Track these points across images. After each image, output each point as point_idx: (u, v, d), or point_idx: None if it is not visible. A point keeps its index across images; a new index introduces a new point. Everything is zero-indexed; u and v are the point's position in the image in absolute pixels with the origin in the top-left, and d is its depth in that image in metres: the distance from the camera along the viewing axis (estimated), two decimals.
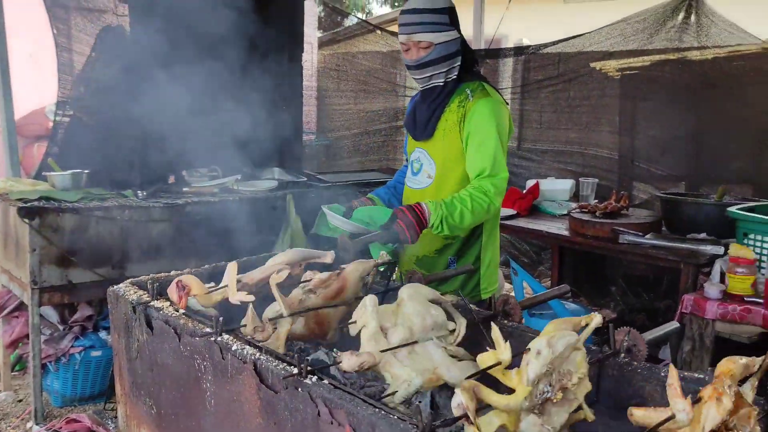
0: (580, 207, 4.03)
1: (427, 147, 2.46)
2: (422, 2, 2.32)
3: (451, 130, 2.37)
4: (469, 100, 2.35)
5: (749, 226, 3.19)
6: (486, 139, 2.28)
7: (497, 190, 2.25)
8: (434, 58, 2.30)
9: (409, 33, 2.30)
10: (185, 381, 1.68)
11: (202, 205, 3.40)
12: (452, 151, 2.38)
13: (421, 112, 2.45)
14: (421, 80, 2.37)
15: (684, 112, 4.94)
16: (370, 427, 1.20)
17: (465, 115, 2.34)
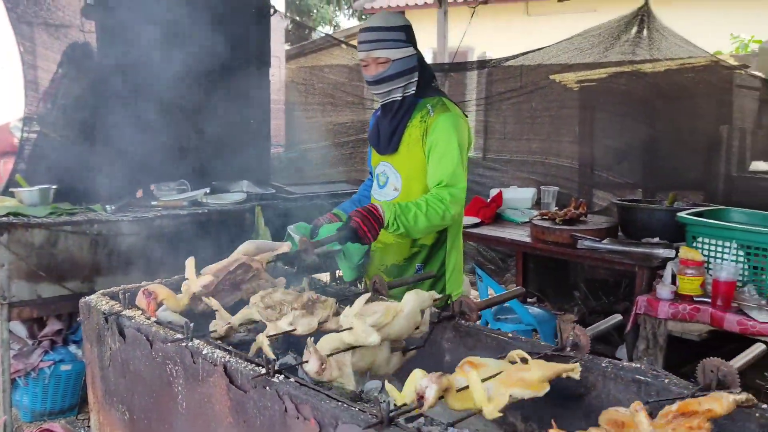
0: (541, 214, 4.17)
1: (392, 161, 2.57)
2: (379, 20, 2.45)
3: (415, 144, 2.48)
4: (430, 115, 2.47)
5: (697, 230, 3.35)
6: (446, 152, 2.41)
7: (454, 199, 2.38)
8: (392, 73, 2.42)
9: (368, 50, 2.41)
10: (157, 386, 1.75)
11: (170, 218, 3.45)
12: (416, 164, 2.50)
13: (384, 128, 2.55)
14: (380, 95, 2.49)
15: (639, 122, 5.15)
16: (334, 419, 1.29)
17: (427, 129, 2.45)
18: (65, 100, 3.85)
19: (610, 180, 5.39)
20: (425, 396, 1.29)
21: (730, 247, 3.22)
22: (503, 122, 6.17)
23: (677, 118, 4.99)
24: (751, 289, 3.13)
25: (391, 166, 2.57)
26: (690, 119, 4.92)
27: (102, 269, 3.23)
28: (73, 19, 4.46)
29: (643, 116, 5.13)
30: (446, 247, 2.60)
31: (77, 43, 4.06)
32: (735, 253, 3.21)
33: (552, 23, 6.06)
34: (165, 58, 3.61)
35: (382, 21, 2.45)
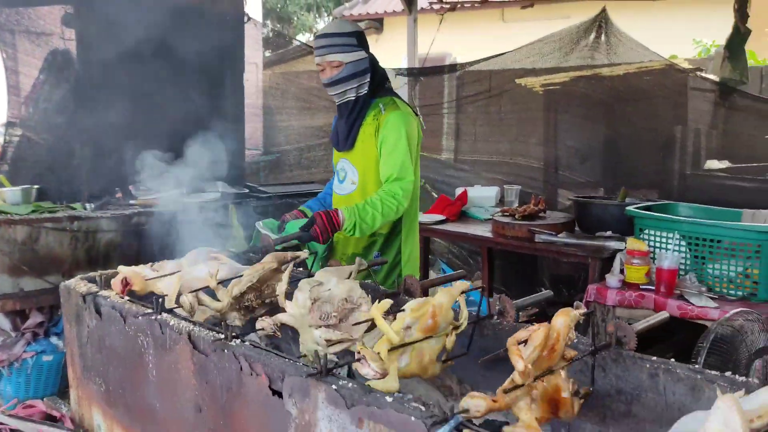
0: (502, 211, 4.39)
1: (350, 157, 2.79)
2: (333, 27, 2.70)
3: (368, 140, 2.71)
4: (381, 113, 2.69)
5: (644, 222, 3.58)
6: (395, 147, 2.62)
7: (405, 193, 2.59)
8: (344, 75, 2.63)
9: (322, 54, 2.64)
10: (130, 358, 1.93)
11: (147, 215, 3.63)
12: (370, 159, 2.72)
13: (341, 127, 2.78)
14: (335, 95, 2.71)
15: (599, 123, 5.40)
16: (281, 373, 1.49)
17: (379, 126, 2.67)
18: (46, 104, 4.03)
19: (574, 179, 5.63)
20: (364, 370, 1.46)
21: (673, 238, 3.44)
22: (474, 124, 6.39)
23: (635, 120, 5.24)
24: (692, 277, 3.35)
25: (348, 161, 2.79)
26: (647, 120, 5.17)
27: (82, 263, 3.40)
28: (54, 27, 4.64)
29: (603, 118, 5.38)
30: (401, 236, 2.83)
31: (58, 49, 4.24)
32: (677, 244, 3.42)
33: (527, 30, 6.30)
34: (142, 64, 3.80)
35: (335, 28, 2.69)
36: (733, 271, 3.22)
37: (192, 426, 1.77)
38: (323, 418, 1.41)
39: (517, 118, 5.98)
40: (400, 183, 2.59)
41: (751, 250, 3.16)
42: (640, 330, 1.70)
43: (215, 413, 1.68)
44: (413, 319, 1.57)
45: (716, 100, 5.24)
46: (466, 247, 5.96)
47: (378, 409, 1.30)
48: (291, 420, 1.48)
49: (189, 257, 2.24)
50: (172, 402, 1.81)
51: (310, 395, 1.42)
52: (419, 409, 1.27)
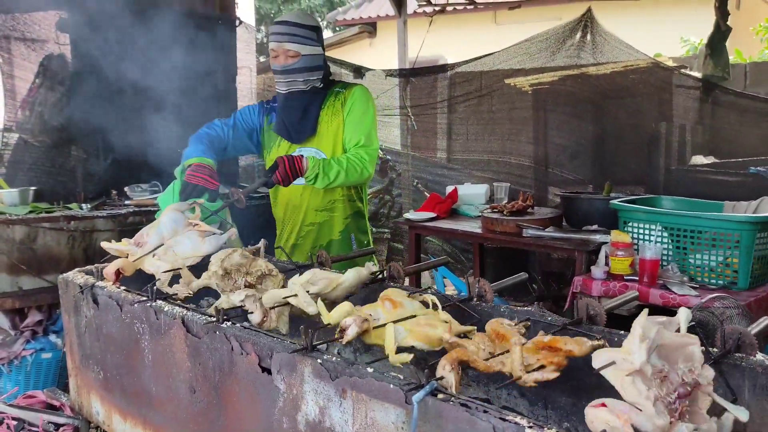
0: (491, 207, 4.48)
1: (312, 144, 2.81)
2: (294, 17, 2.72)
3: (334, 121, 2.77)
4: (342, 92, 2.79)
5: (627, 215, 3.66)
6: (363, 117, 2.75)
7: (371, 159, 2.71)
8: (299, 67, 2.68)
9: (280, 41, 2.67)
10: (127, 344, 2.01)
11: (143, 215, 3.72)
12: (339, 138, 2.79)
13: (294, 117, 2.77)
14: (283, 84, 2.73)
15: (587, 121, 5.50)
16: (270, 351, 1.57)
17: (345, 100, 2.77)
18: (42, 107, 4.12)
19: (563, 176, 5.73)
20: (347, 332, 1.57)
21: (656, 229, 3.53)
22: (466, 124, 6.49)
23: (621, 117, 5.34)
24: (674, 267, 3.44)
25: (311, 149, 2.79)
26: (633, 117, 5.28)
27: (79, 262, 3.47)
28: (49, 32, 4.73)
29: (591, 116, 5.48)
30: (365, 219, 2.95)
31: (53, 54, 4.33)
32: (660, 235, 3.52)
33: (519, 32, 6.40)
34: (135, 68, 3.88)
35: (296, 18, 2.72)
36: (713, 260, 3.30)
37: (186, 407, 1.85)
38: (309, 391, 1.49)
39: (507, 117, 6.09)
40: (366, 149, 2.70)
41: (731, 240, 3.24)
42: (609, 307, 1.79)
43: (208, 393, 1.76)
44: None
45: (700, 97, 5.35)
46: (458, 245, 6.05)
47: (360, 380, 1.38)
48: (280, 395, 1.56)
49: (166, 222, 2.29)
50: (167, 385, 1.90)
51: (297, 370, 1.51)
52: (397, 378, 1.35)
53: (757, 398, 1.41)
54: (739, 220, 3.26)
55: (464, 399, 1.25)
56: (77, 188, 3.95)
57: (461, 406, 1.23)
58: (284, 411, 1.55)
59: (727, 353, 1.46)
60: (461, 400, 1.25)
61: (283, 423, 1.56)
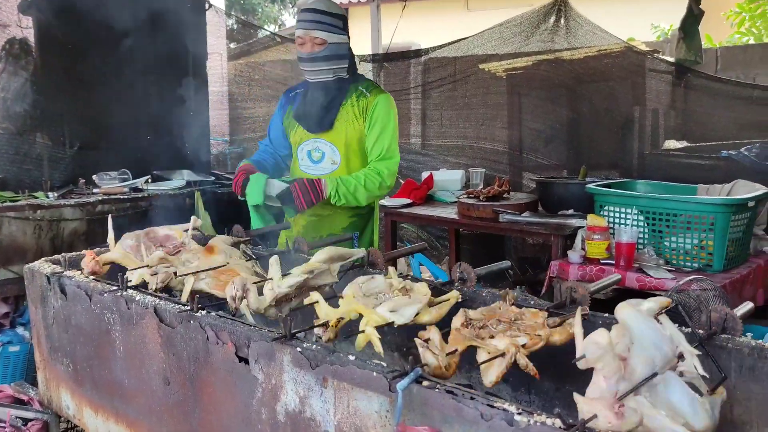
0: (467, 193, 4.46)
1: (328, 137, 2.81)
2: (323, 5, 2.69)
3: (352, 121, 2.77)
4: (366, 95, 2.78)
5: (603, 199, 3.67)
6: (385, 128, 2.76)
7: (389, 172, 2.76)
8: (326, 55, 2.67)
9: (308, 28, 2.65)
10: (97, 335, 1.94)
11: (112, 203, 3.62)
12: (353, 139, 2.79)
13: (315, 107, 2.77)
14: (310, 72, 2.73)
15: (561, 106, 5.50)
16: (247, 340, 1.52)
17: (367, 107, 2.76)
18: (5, 93, 3.97)
19: (538, 162, 5.72)
20: None
21: (631, 213, 3.54)
22: (440, 110, 6.45)
23: (596, 102, 5.34)
24: (650, 250, 3.45)
25: (326, 141, 2.80)
26: (607, 102, 5.29)
27: (46, 252, 3.37)
28: (11, 15, 4.58)
29: (565, 101, 5.48)
30: (374, 218, 2.91)
31: (15, 38, 4.17)
32: (636, 219, 3.53)
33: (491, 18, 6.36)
34: (102, 51, 3.77)
35: (323, 5, 2.69)
36: (689, 243, 3.32)
37: (161, 398, 1.79)
38: (289, 380, 1.44)
39: (482, 102, 6.06)
40: (386, 162, 2.73)
41: (705, 223, 3.26)
42: (594, 290, 1.77)
43: (183, 384, 1.70)
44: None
45: (673, 81, 5.37)
46: (433, 231, 6.03)
47: (341, 368, 1.34)
48: (258, 385, 1.51)
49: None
50: (140, 376, 1.83)
51: (276, 359, 1.46)
52: (380, 365, 1.31)
53: (744, 380, 1.40)
54: (714, 203, 3.28)
55: (450, 386, 1.22)
56: (43, 176, 3.83)
57: (447, 393, 1.19)
58: (263, 401, 1.51)
59: (713, 334, 1.45)
60: (447, 387, 1.21)
61: (261, 414, 1.52)
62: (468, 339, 1.38)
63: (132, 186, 3.92)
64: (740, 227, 3.33)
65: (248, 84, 6.69)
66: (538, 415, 1.11)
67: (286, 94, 2.99)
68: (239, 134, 6.89)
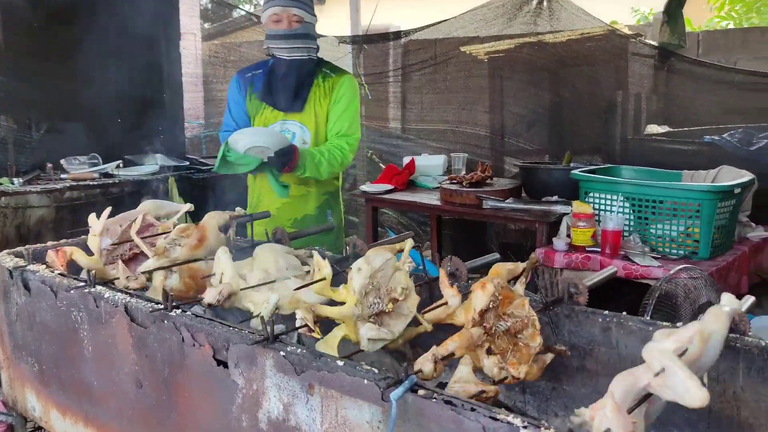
0: (450, 179, 4.37)
1: (298, 118, 2.82)
2: None
3: (320, 101, 2.80)
4: (331, 75, 2.82)
5: (588, 185, 3.60)
6: (349, 106, 2.81)
7: (351, 148, 2.80)
8: (303, 33, 2.68)
9: (285, 5, 2.64)
10: (64, 334, 1.82)
11: (82, 189, 3.46)
12: (322, 119, 2.83)
13: (286, 86, 2.75)
14: (286, 51, 2.70)
15: (544, 90, 5.41)
16: (226, 342, 1.41)
17: (333, 86, 2.80)
18: None
19: (520, 146, 5.65)
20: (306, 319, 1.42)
21: (617, 200, 3.48)
22: (419, 93, 6.34)
23: (578, 86, 5.27)
24: (635, 238, 3.40)
25: (296, 122, 2.81)
26: (590, 86, 5.22)
27: (12, 241, 3.22)
28: None
29: (548, 85, 5.40)
30: (340, 196, 3.01)
31: None
32: (622, 205, 3.47)
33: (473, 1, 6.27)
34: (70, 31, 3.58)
35: None
36: (674, 230, 3.28)
37: (133, 402, 1.68)
38: (272, 386, 1.34)
39: (463, 86, 5.95)
40: (347, 138, 2.77)
41: (692, 210, 3.22)
42: (592, 284, 1.69)
43: (157, 387, 1.59)
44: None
45: (655, 65, 5.32)
46: (414, 217, 5.94)
47: (329, 374, 1.24)
48: (238, 390, 1.41)
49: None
50: (110, 378, 1.72)
51: (257, 363, 1.36)
52: (372, 372, 1.21)
53: (752, 381, 1.33)
54: (702, 190, 3.23)
55: (449, 395, 1.12)
56: (8, 161, 3.65)
57: (446, 403, 1.10)
58: (243, 408, 1.40)
59: None
60: (445, 396, 1.12)
61: (242, 421, 1.41)
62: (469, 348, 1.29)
63: (102, 171, 3.75)
64: (726, 214, 3.29)
65: (223, 65, 6.49)
66: (545, 430, 1.02)
67: (241, 76, 2.93)
68: (215, 117, 6.70)
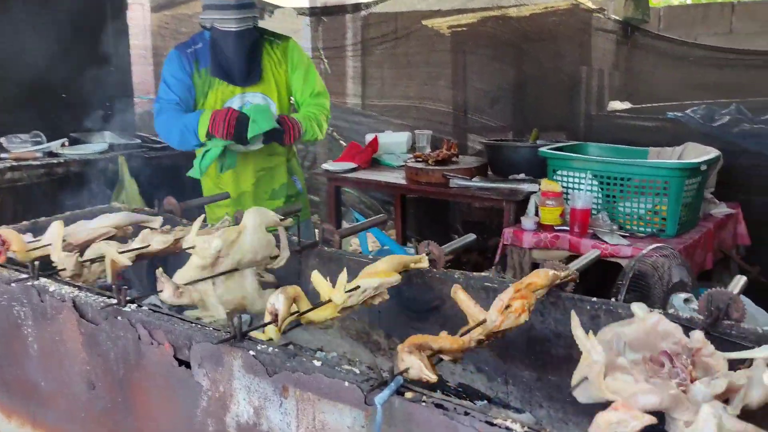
0: (415, 157, 4.26)
1: (258, 89, 2.75)
2: None
3: (278, 66, 2.78)
4: (277, 42, 2.80)
5: (557, 163, 3.54)
6: (309, 67, 2.86)
7: (329, 104, 2.87)
8: (250, 2, 2.61)
9: None
10: (5, 330, 1.65)
11: (24, 169, 3.23)
12: (283, 87, 2.81)
13: (240, 60, 2.65)
14: (237, 21, 2.59)
15: (508, 65, 5.32)
16: (188, 340, 1.28)
17: (284, 52, 2.79)
18: None
19: (483, 123, 5.56)
20: (277, 310, 1.30)
21: (586, 178, 3.43)
22: (381, 69, 6.19)
23: (542, 61, 5.19)
24: (604, 216, 3.36)
25: (258, 94, 2.74)
26: (553, 61, 5.14)
27: None
28: None
29: (512, 60, 5.31)
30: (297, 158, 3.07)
31: None
32: (590, 183, 3.42)
33: None
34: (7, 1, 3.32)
35: None
36: (642, 208, 3.25)
37: (85, 404, 1.53)
38: (241, 388, 1.22)
39: (425, 60, 5.82)
40: (323, 97, 2.82)
41: (659, 187, 3.19)
42: (578, 269, 1.61)
43: (111, 389, 1.45)
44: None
45: (618, 40, 5.27)
46: (377, 196, 5.82)
47: (305, 375, 1.12)
48: (202, 392, 1.28)
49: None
50: (59, 378, 1.57)
51: (224, 363, 1.23)
52: (353, 373, 1.10)
53: None
54: (669, 167, 3.21)
55: (439, 398, 1.02)
56: None
57: (437, 407, 1.00)
58: (209, 412, 1.28)
59: (716, 321, 1.30)
60: (435, 399, 1.01)
61: (208, 425, 1.29)
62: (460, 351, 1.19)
63: (46, 150, 3.52)
64: (692, 191, 3.28)
65: (174, 37, 6.20)
66: None
67: (182, 51, 2.74)
68: None
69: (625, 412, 0.96)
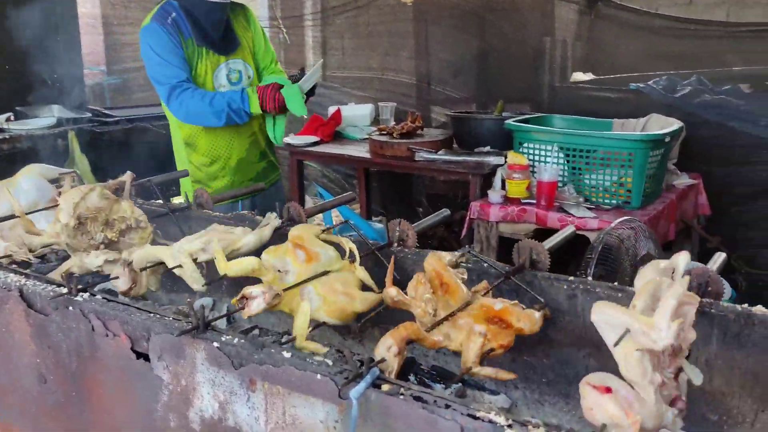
0: (379, 129, 4.18)
1: (237, 56, 2.81)
2: None
3: (245, 34, 2.84)
4: (240, 7, 2.84)
5: (523, 135, 3.51)
6: (265, 36, 2.94)
7: None
8: None
9: None
10: None
11: None
12: (251, 52, 2.87)
13: (218, 27, 2.70)
14: None
15: (471, 35, 5.24)
16: (146, 332, 1.19)
17: (247, 19, 2.85)
18: None
19: (447, 95, 5.49)
20: (251, 304, 1.22)
21: (552, 150, 3.40)
22: (341, 39, 6.05)
23: (506, 31, 5.13)
24: (570, 189, 3.35)
25: (239, 60, 2.80)
26: (517, 32, 5.08)
27: None
28: None
29: (475, 30, 5.23)
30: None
31: None
32: (556, 156, 3.40)
33: None
34: None
35: None
36: (608, 180, 3.25)
37: (37, 399, 1.44)
38: (204, 381, 1.14)
39: (387, 30, 5.70)
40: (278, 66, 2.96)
41: (624, 159, 3.19)
42: (551, 247, 1.57)
43: (64, 383, 1.36)
44: None
45: (580, 10, 5.23)
46: (339, 169, 5.73)
47: (274, 368, 1.05)
48: (163, 387, 1.20)
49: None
50: (7, 372, 1.47)
51: (186, 356, 1.15)
52: (325, 364, 1.03)
53: (726, 347, 1.25)
54: (634, 139, 3.20)
55: (417, 390, 0.96)
56: None
57: (416, 400, 0.94)
58: (170, 406, 1.20)
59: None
60: (414, 392, 0.96)
61: (170, 420, 1.21)
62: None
63: None
64: (656, 163, 3.29)
65: (125, 5, 5.94)
66: (534, 428, 0.88)
67: (163, 23, 2.61)
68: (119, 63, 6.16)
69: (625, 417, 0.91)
